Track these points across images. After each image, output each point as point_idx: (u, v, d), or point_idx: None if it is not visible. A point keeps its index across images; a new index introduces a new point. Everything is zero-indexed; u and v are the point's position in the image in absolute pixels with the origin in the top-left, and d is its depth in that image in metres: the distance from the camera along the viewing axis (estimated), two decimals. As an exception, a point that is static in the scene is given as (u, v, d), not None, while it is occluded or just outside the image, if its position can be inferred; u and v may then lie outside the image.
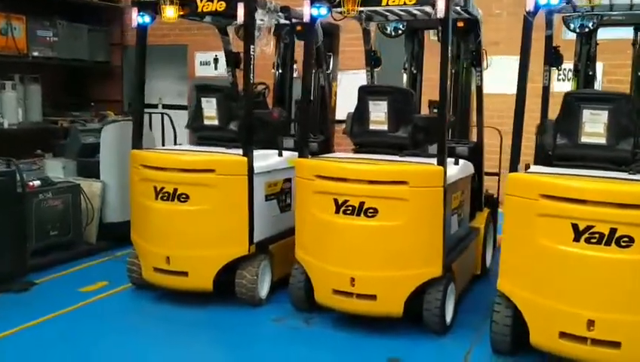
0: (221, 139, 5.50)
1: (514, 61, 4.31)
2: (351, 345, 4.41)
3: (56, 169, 7.08)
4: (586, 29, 5.15)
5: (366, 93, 5.03)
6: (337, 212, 4.45)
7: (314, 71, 6.43)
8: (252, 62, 4.97)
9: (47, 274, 5.83)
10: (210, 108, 5.53)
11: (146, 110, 5.96)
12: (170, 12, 5.07)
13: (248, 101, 5.11)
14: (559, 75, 10.10)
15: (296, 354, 4.32)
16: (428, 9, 4.50)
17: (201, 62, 12.13)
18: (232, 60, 6.66)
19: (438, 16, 4.28)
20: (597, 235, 3.64)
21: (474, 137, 6.19)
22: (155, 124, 8.82)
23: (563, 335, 3.79)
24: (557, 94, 10.32)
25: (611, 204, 3.62)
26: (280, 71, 6.83)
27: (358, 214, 4.39)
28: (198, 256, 4.94)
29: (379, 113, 4.97)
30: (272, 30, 5.29)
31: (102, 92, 11.91)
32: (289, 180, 5.65)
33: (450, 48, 4.73)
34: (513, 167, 4.10)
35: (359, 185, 4.38)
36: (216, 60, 12.22)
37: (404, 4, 4.46)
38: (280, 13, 5.41)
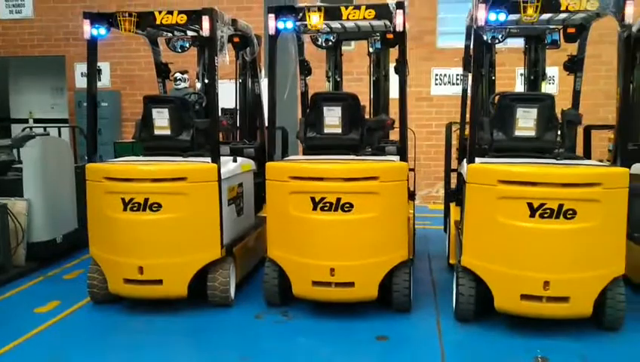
0: (174, 148, 5.60)
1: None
2: (338, 331, 4.80)
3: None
4: (497, 41, 6.01)
5: (320, 100, 5.46)
6: (315, 209, 4.83)
7: (250, 80, 6.77)
8: (216, 74, 5.17)
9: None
10: (161, 119, 5.60)
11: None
12: (127, 24, 5.09)
13: (214, 111, 5.29)
14: (436, 80, 11.30)
15: (296, 345, 4.60)
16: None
17: (82, 73, 11.67)
18: (163, 71, 6.71)
19: (397, 29, 4.84)
20: (548, 211, 4.41)
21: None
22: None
23: (524, 297, 4.52)
24: (435, 97, 11.60)
25: (558, 184, 4.42)
26: (206, 81, 6.99)
27: (336, 210, 4.80)
28: (173, 263, 5.03)
29: (333, 118, 5.43)
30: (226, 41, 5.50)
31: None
32: (241, 185, 5.91)
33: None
34: (471, 160, 4.78)
35: (336, 183, 4.80)
36: (99, 71, 11.87)
37: (364, 18, 4.95)
38: (231, 26, 5.64)
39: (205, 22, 5.00)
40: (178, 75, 10.54)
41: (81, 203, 7.09)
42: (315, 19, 4.83)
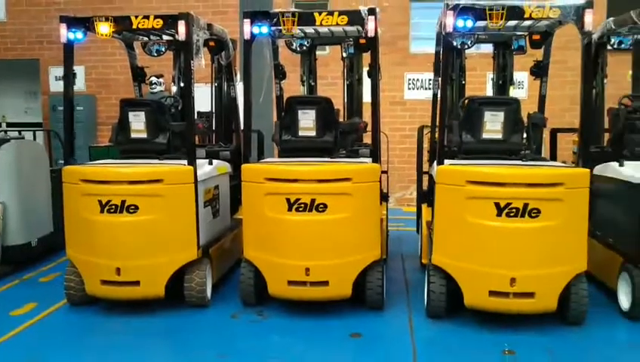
0: (151, 151, 5.67)
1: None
2: (312, 329, 4.92)
3: None
4: (466, 46, 6.20)
5: (295, 103, 5.59)
6: (290, 210, 4.94)
7: (225, 83, 6.87)
8: (193, 77, 5.26)
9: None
10: (138, 122, 5.67)
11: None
12: (104, 28, 5.16)
13: (190, 114, 5.37)
14: (409, 85, 11.50)
15: (272, 343, 4.71)
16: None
17: (56, 77, 11.64)
18: (139, 75, 6.78)
19: (369, 35, 4.99)
20: (514, 210, 4.59)
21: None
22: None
23: (492, 293, 4.69)
24: (408, 102, 11.80)
25: (523, 184, 4.60)
26: (182, 84, 7.07)
27: (310, 210, 4.92)
28: (150, 265, 5.10)
29: (307, 121, 5.56)
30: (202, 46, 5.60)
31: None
32: (217, 187, 6.00)
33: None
34: (440, 161, 4.94)
35: (310, 185, 4.92)
36: (73, 75, 11.82)
37: (337, 24, 5.09)
38: (207, 31, 5.73)
39: (181, 26, 5.09)
40: (153, 79, 10.54)
41: (57, 206, 7.12)
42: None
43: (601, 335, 4.77)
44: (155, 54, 6.54)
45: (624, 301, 5.08)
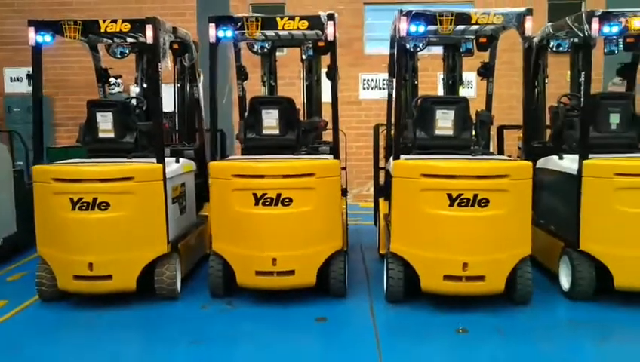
0: (118, 150, 5.85)
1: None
2: (280, 315, 5.21)
3: None
4: (418, 49, 6.58)
5: (259, 103, 5.87)
6: (257, 204, 5.22)
7: (188, 84, 7.09)
8: (160, 79, 5.48)
9: None
10: (105, 122, 5.85)
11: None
12: (72, 32, 5.32)
13: (159, 114, 5.58)
14: (363, 85, 11.90)
15: (242, 330, 4.98)
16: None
17: (11, 78, 11.56)
18: (103, 76, 6.92)
19: (328, 39, 5.31)
20: (465, 200, 4.99)
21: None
22: None
23: (446, 277, 5.07)
24: (363, 101, 12.18)
25: (473, 176, 5.00)
26: (145, 85, 7.24)
27: (276, 204, 5.21)
28: (122, 259, 5.29)
29: (271, 120, 5.85)
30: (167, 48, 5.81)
31: None
32: (184, 185, 6.22)
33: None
34: (397, 157, 5.30)
35: (276, 180, 5.21)
36: (29, 76, 11.75)
37: (298, 28, 5.39)
38: (172, 34, 5.94)
39: (149, 30, 5.30)
40: (112, 80, 10.62)
41: (20, 206, 7.20)
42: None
43: (545, 313, 5.23)
44: (119, 56, 6.67)
45: (565, 282, 5.56)
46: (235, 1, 11.32)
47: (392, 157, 5.69)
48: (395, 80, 6.56)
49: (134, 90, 11.32)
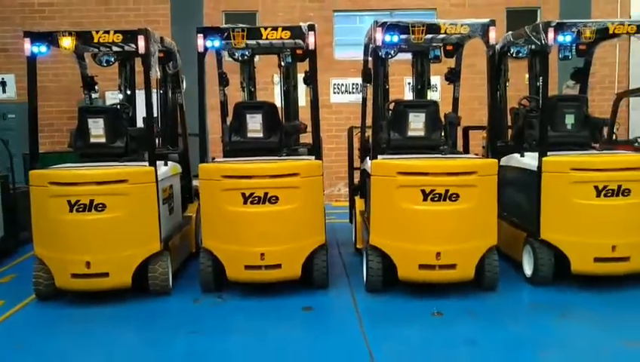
0: (110, 154, 6.15)
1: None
2: (268, 306, 5.59)
3: None
4: (390, 56, 7.03)
5: (243, 108, 6.24)
6: (245, 203, 5.59)
7: (170, 91, 7.40)
8: (151, 87, 5.80)
9: None
10: (97, 128, 6.14)
11: None
12: (67, 42, 5.60)
13: (150, 119, 5.90)
14: (334, 89, 12.33)
15: (234, 321, 5.35)
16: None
17: (-9, 85, 11.60)
18: (89, 84, 7.18)
19: (310, 48, 5.72)
20: (437, 195, 5.46)
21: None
22: None
23: (421, 266, 5.54)
24: (334, 105, 12.59)
25: (444, 173, 5.48)
26: (128, 92, 7.52)
27: (264, 202, 5.59)
28: (118, 257, 5.60)
29: (255, 124, 6.24)
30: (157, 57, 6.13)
31: None
32: (172, 187, 6.55)
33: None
34: (374, 156, 5.75)
35: (263, 180, 5.59)
36: (3, 83, 11.85)
37: (281, 38, 5.79)
38: (159, 43, 6.26)
39: (141, 40, 5.63)
40: (88, 87, 10.83)
41: (7, 211, 7.41)
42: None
43: (510, 297, 5.74)
44: (105, 64, 6.94)
45: (527, 269, 6.09)
46: (208, 9, 11.62)
47: (368, 158, 6.13)
48: (369, 85, 7.04)
49: (110, 96, 11.57)
